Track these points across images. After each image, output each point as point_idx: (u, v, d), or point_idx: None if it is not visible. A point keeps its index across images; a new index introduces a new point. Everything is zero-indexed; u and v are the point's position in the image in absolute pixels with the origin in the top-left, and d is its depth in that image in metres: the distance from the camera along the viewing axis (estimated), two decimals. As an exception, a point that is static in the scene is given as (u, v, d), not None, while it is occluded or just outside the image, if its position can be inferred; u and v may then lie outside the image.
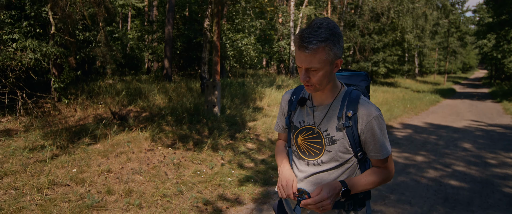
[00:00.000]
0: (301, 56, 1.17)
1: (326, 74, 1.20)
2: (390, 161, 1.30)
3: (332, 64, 1.20)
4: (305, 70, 1.20)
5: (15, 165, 3.75)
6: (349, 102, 1.27)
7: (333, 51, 1.17)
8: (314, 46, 1.14)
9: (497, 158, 5.44)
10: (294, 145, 1.40)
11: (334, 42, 1.17)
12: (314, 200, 1.17)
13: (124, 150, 4.45)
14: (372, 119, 1.23)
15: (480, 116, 10.91)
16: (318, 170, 1.32)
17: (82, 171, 3.67)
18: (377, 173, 1.28)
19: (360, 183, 1.25)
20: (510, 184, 4.16)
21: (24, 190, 3.18)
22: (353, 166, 1.32)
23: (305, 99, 1.35)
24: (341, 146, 1.27)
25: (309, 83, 1.22)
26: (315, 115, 1.32)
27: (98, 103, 7.23)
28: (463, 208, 3.40)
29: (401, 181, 4.19)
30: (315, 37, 1.13)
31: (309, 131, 1.32)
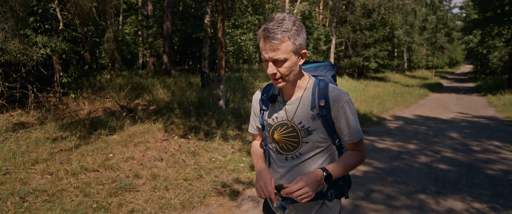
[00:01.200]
0: (268, 47, 1.18)
1: (292, 64, 1.21)
2: (362, 143, 1.34)
3: (297, 54, 1.21)
4: (272, 62, 1.21)
5: (43, 154, 4.02)
6: (319, 92, 1.28)
7: (297, 41, 1.19)
8: (280, 36, 1.15)
9: (481, 145, 5.97)
10: (271, 142, 1.40)
11: (298, 33, 1.19)
12: (291, 188, 1.16)
13: (141, 140, 4.75)
14: (343, 103, 1.26)
15: (466, 108, 11.54)
16: (297, 162, 1.33)
17: (108, 159, 3.97)
18: (353, 156, 1.31)
19: (340, 167, 1.27)
20: (492, 167, 4.66)
21: (59, 175, 3.47)
22: (332, 154, 1.34)
23: (275, 96, 1.36)
24: (317, 135, 1.29)
25: (276, 76, 1.22)
26: (287, 109, 1.33)
27: (104, 97, 7.45)
28: (452, 187, 3.86)
29: (396, 166, 4.64)
30: (280, 28, 1.16)
31: (284, 126, 1.33)
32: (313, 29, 20.98)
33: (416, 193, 3.65)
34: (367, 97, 12.54)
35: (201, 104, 7.19)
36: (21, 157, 3.83)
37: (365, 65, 23.14)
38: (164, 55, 12.44)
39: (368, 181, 4.00)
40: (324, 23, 25.65)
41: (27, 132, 5.08)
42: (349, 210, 3.21)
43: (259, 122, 1.43)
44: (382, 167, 4.57)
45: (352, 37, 21.61)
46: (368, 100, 11.60)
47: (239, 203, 3.33)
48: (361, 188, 3.76)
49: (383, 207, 3.29)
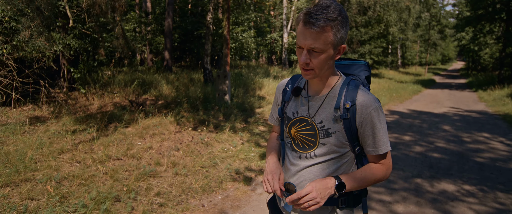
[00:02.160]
0: (306, 33, 1.07)
1: (328, 58, 1.11)
2: (388, 157, 1.22)
3: (335, 48, 1.11)
4: (306, 51, 1.10)
5: (67, 145, 4.30)
6: (347, 93, 1.17)
7: (340, 33, 1.09)
8: (322, 23, 1.05)
9: (471, 136, 6.39)
10: (287, 137, 1.32)
11: (343, 24, 1.09)
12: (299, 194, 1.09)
13: (156, 132, 5.05)
14: (371, 110, 1.15)
15: (458, 103, 12.02)
16: (310, 164, 1.23)
17: (129, 148, 4.27)
18: (374, 170, 1.20)
19: (357, 179, 1.16)
20: (480, 155, 5.06)
21: (87, 163, 3.76)
22: (349, 161, 1.23)
23: (300, 88, 1.27)
24: (336, 139, 1.18)
25: (308, 66, 1.12)
26: (310, 105, 1.23)
27: (112, 92, 7.70)
28: (444, 172, 4.24)
29: (394, 155, 5.01)
30: (325, 14, 1.05)
31: (303, 122, 1.24)
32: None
33: (413, 177, 4.03)
34: (363, 93, 12.94)
35: (206, 99, 7.48)
36: (47, 147, 4.10)
37: (361, 62, 23.54)
38: (166, 52, 12.66)
39: (369, 168, 4.36)
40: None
41: (44, 125, 5.33)
42: (367, 196, 3.57)
43: (278, 113, 1.35)
44: (380, 156, 4.94)
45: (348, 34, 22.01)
46: (365, 96, 12.00)
47: (253, 187, 3.67)
48: (362, 174, 4.12)
49: (384, 189, 3.65)
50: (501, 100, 12.23)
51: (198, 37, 14.93)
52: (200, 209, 3.12)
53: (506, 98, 12.44)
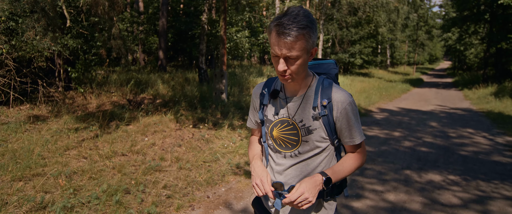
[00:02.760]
0: (281, 44, 1.12)
1: (303, 63, 1.18)
2: (363, 146, 1.33)
3: (309, 52, 1.18)
4: (283, 59, 1.16)
5: (72, 142, 4.42)
6: (322, 91, 1.26)
7: (311, 39, 1.15)
8: (295, 33, 1.10)
9: (456, 132, 6.74)
10: (269, 139, 1.37)
11: (313, 30, 1.15)
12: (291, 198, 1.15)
13: (157, 129, 5.20)
14: (346, 105, 1.24)
15: (444, 101, 12.49)
16: (295, 161, 1.30)
17: (133, 145, 4.42)
18: (353, 159, 1.30)
19: (340, 171, 1.26)
20: (465, 149, 5.39)
21: (94, 158, 3.91)
22: (330, 154, 1.32)
23: (277, 91, 1.33)
24: (317, 135, 1.27)
25: (286, 73, 1.18)
26: (289, 107, 1.29)
27: (109, 92, 7.79)
28: (431, 164, 4.54)
29: (384, 150, 5.30)
30: (296, 24, 1.10)
31: (284, 123, 1.30)
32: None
33: (402, 169, 4.31)
34: (354, 91, 13.29)
35: (203, 98, 7.65)
36: (53, 144, 4.22)
37: (351, 62, 24.06)
38: (160, 52, 12.74)
39: (361, 162, 4.62)
40: (312, 20, 26.34)
41: (45, 123, 5.42)
42: (347, 184, 3.81)
43: (258, 117, 1.40)
44: (372, 151, 5.22)
45: (338, 34, 22.41)
46: (356, 95, 12.34)
47: (254, 180, 3.87)
48: (356, 167, 4.38)
49: (375, 180, 3.91)
50: (485, 98, 12.76)
51: (191, 37, 15.04)
52: (206, 200, 3.31)
53: (490, 96, 12.98)
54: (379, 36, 26.88)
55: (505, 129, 7.03)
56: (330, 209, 1.34)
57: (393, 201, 3.35)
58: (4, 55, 5.67)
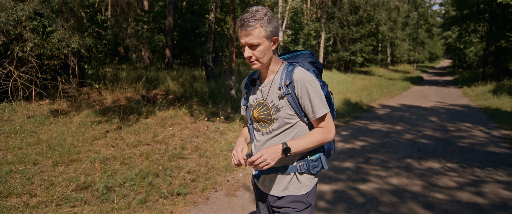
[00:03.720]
0: (243, 33, 1.36)
1: (265, 49, 1.38)
2: (328, 121, 1.45)
3: (269, 39, 1.38)
4: (248, 47, 1.38)
5: (97, 133, 4.77)
6: (286, 74, 1.45)
7: (268, 28, 1.36)
8: (252, 23, 1.34)
9: (455, 126, 7.09)
10: (253, 121, 1.57)
11: (269, 21, 1.36)
12: (252, 158, 1.34)
13: (174, 122, 5.55)
14: (305, 82, 1.40)
15: (444, 98, 12.83)
16: (270, 137, 1.48)
17: (155, 135, 4.77)
18: (316, 132, 1.44)
19: (300, 143, 1.40)
20: (462, 141, 5.75)
21: (122, 147, 4.26)
22: (301, 131, 1.47)
23: (255, 79, 1.56)
24: (284, 112, 1.44)
25: (252, 58, 1.39)
26: (262, 91, 1.50)
27: (123, 88, 8.13)
28: (431, 154, 4.89)
29: (387, 141, 5.65)
30: (253, 17, 1.34)
31: (260, 105, 1.51)
32: (304, 25, 21.92)
33: (404, 158, 4.66)
34: (356, 89, 13.64)
35: (212, 94, 8.00)
36: (82, 135, 4.57)
37: (352, 60, 24.38)
38: (167, 50, 13.07)
39: (366, 152, 4.98)
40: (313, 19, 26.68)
41: (67, 117, 5.77)
42: (353, 170, 4.17)
43: (243, 103, 1.62)
44: (375, 142, 5.57)
45: (340, 33, 22.73)
46: (358, 92, 12.69)
47: (268, 167, 4.23)
48: (361, 156, 4.74)
49: (379, 167, 4.27)
50: (484, 95, 13.11)
51: (196, 35, 15.37)
52: (226, 184, 3.66)
53: (488, 93, 13.33)
54: (380, 35, 27.16)
55: (501, 123, 7.38)
56: (307, 184, 1.49)
57: (396, 184, 3.70)
58: (27, 53, 6.01)
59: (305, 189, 1.48)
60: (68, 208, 2.80)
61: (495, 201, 3.26)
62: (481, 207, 3.13)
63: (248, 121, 1.62)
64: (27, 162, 3.64)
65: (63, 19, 4.50)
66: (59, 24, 4.54)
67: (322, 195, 3.37)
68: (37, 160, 3.71)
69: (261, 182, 1.55)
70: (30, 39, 4.85)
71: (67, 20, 4.49)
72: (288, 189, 1.48)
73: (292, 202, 1.47)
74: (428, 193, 3.45)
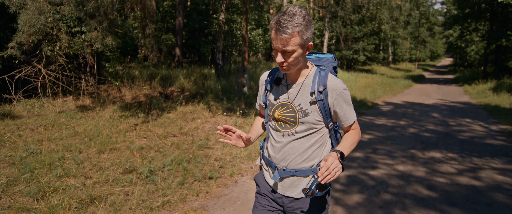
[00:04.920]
0: (278, 39, 1.30)
1: (299, 55, 1.35)
2: (356, 123, 1.52)
3: (304, 47, 1.35)
4: (281, 52, 1.34)
5: (128, 126, 5.21)
6: (319, 80, 1.43)
7: (305, 35, 1.32)
8: (290, 31, 1.27)
9: (456, 121, 7.51)
10: (271, 120, 1.53)
11: (307, 28, 1.31)
12: (327, 166, 1.26)
13: (194, 117, 5.99)
14: (340, 91, 1.41)
15: (445, 96, 13.24)
16: (292, 139, 1.47)
17: (181, 128, 5.20)
18: (352, 135, 1.48)
19: (346, 146, 1.43)
20: (462, 134, 6.17)
21: (153, 138, 4.69)
22: (324, 135, 1.49)
23: (280, 79, 1.51)
24: (312, 117, 1.43)
25: (284, 64, 1.36)
26: (289, 92, 1.46)
27: (140, 85, 8.56)
28: (433, 146, 5.32)
29: (392, 135, 6.07)
30: (291, 23, 1.27)
31: (285, 106, 1.47)
32: (307, 24, 22.30)
33: (408, 149, 5.09)
34: (360, 86, 14.05)
35: (225, 91, 8.42)
36: (115, 127, 5.01)
37: (354, 58, 24.78)
38: (177, 49, 13.49)
39: (373, 144, 5.41)
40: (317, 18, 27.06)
41: (94, 112, 6.21)
42: (363, 159, 4.59)
43: (262, 100, 1.57)
44: (381, 135, 5.99)
45: (343, 32, 23.11)
46: (361, 89, 13.10)
47: (285, 156, 4.66)
48: (369, 148, 5.16)
49: (386, 156, 4.70)
50: (484, 93, 13.50)
51: (203, 35, 15.77)
52: (250, 170, 4.09)
53: (488, 91, 13.72)
54: (382, 34, 27.54)
55: (500, 119, 7.80)
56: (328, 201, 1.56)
57: (402, 170, 4.13)
58: (56, 52, 6.44)
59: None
60: (119, 188, 3.23)
61: (491, 184, 3.69)
62: (478, 189, 3.56)
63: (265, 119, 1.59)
64: (74, 150, 4.08)
65: (97, 22, 4.92)
66: (93, 26, 4.96)
67: (338, 179, 3.80)
68: (81, 148, 4.15)
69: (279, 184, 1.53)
70: (64, 39, 5.26)
71: (101, 23, 4.91)
72: None
73: (311, 203, 1.50)
74: (431, 178, 3.87)
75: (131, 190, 3.19)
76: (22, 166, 3.52)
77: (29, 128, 5.09)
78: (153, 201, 3.07)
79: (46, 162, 3.61)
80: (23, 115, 5.91)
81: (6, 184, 3.12)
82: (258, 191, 1.62)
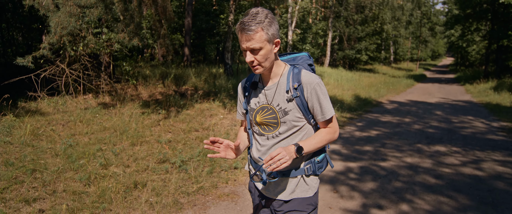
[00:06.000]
0: (244, 38, 1.31)
1: (267, 52, 1.34)
2: (334, 121, 1.46)
3: (271, 43, 1.34)
4: (249, 51, 1.34)
5: (152, 121, 5.56)
6: (293, 76, 1.42)
7: (270, 31, 1.32)
8: (253, 27, 1.29)
9: (458, 118, 7.86)
10: (254, 125, 1.52)
11: (270, 24, 1.32)
12: (271, 154, 1.28)
13: (212, 113, 6.34)
14: (315, 85, 1.39)
15: (447, 94, 13.57)
16: (277, 141, 1.45)
17: (201, 123, 5.55)
18: (323, 132, 1.45)
19: (311, 142, 1.40)
20: (465, 130, 6.51)
21: (177, 133, 5.04)
22: (307, 133, 1.47)
23: (256, 82, 1.51)
24: (292, 115, 1.42)
25: (254, 63, 1.35)
26: (266, 94, 1.46)
27: (154, 84, 8.91)
28: (438, 140, 5.66)
29: (398, 130, 6.42)
30: (254, 20, 1.29)
31: (265, 109, 1.46)
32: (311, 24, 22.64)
33: (414, 143, 5.43)
34: (363, 85, 14.39)
35: (236, 89, 8.77)
36: (141, 123, 5.36)
37: (357, 58, 25.11)
38: (185, 48, 13.83)
39: (381, 139, 5.75)
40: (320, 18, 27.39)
41: (115, 109, 6.56)
42: (373, 152, 4.94)
43: (243, 107, 1.56)
44: (388, 131, 6.34)
45: (347, 32, 23.45)
46: (365, 88, 13.44)
47: (301, 149, 5.01)
48: (377, 142, 5.51)
49: (394, 150, 5.04)
50: (485, 92, 13.83)
51: (209, 35, 16.13)
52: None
53: (489, 90, 14.04)
54: (384, 33, 27.86)
55: (500, 116, 8.13)
56: (313, 186, 1.49)
57: (410, 162, 4.48)
58: (79, 52, 6.80)
59: (312, 190, 1.49)
60: (157, 175, 3.59)
61: (492, 174, 4.03)
62: (480, 178, 3.91)
63: (247, 125, 1.59)
64: (107, 143, 4.43)
65: (124, 24, 5.27)
66: (120, 29, 5.31)
67: (351, 170, 4.15)
68: (114, 141, 4.50)
69: (265, 187, 1.53)
70: (91, 40, 5.62)
71: (128, 25, 5.26)
72: (295, 192, 1.48)
73: (300, 204, 1.48)
74: (437, 168, 4.22)
75: (167, 178, 3.54)
76: (66, 157, 3.88)
77: (59, 123, 5.44)
78: (188, 187, 3.42)
79: (87, 153, 3.96)
80: (49, 112, 6.27)
81: (58, 171, 3.48)
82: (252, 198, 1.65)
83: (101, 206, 2.87)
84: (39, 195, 3.03)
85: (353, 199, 3.30)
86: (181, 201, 3.14)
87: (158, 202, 3.03)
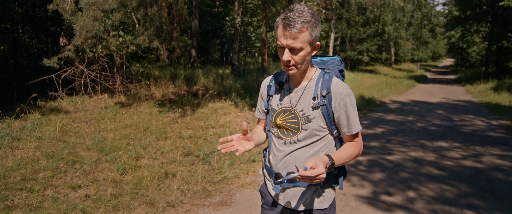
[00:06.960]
0: (287, 34, 1.23)
1: (306, 54, 1.28)
2: (360, 136, 1.40)
3: (312, 45, 1.29)
4: (288, 49, 1.26)
5: (170, 119, 5.89)
6: (323, 83, 1.35)
7: (314, 33, 1.26)
8: (299, 25, 1.21)
9: (459, 117, 8.19)
10: (274, 127, 1.46)
11: (316, 25, 1.26)
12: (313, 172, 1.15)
13: (225, 112, 6.67)
14: (344, 96, 1.32)
15: (448, 95, 13.90)
16: (294, 148, 1.39)
17: (217, 121, 5.89)
18: (351, 147, 1.37)
19: (341, 157, 1.31)
20: (466, 128, 6.84)
21: (197, 129, 5.38)
22: (328, 143, 1.40)
23: (282, 83, 1.44)
24: (316, 124, 1.35)
25: (290, 63, 1.28)
26: (291, 97, 1.39)
27: (166, 84, 9.25)
28: (440, 137, 5.99)
29: (402, 128, 6.75)
30: (301, 18, 1.22)
31: (287, 112, 1.39)
32: (313, 26, 23.00)
33: (418, 139, 5.77)
34: (366, 86, 14.73)
35: (245, 89, 9.11)
36: (160, 120, 5.70)
37: (359, 59, 25.46)
38: (193, 50, 14.18)
39: (386, 136, 6.09)
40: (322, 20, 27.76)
41: (132, 108, 6.90)
42: (379, 147, 5.27)
43: (264, 106, 1.50)
44: (392, 129, 6.67)
45: (349, 33, 23.82)
46: (368, 89, 13.78)
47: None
48: (383, 139, 5.84)
49: (399, 145, 5.37)
50: (485, 92, 14.16)
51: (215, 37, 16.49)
52: (284, 155, 4.77)
53: (489, 90, 14.37)
54: (386, 35, 28.23)
55: (500, 115, 8.46)
56: (328, 197, 1.44)
57: (414, 156, 4.81)
58: (98, 53, 7.14)
59: (327, 202, 1.44)
60: (184, 167, 3.92)
61: (491, 166, 4.37)
62: (480, 169, 4.24)
63: (267, 126, 1.54)
64: (133, 138, 4.77)
65: (144, 27, 5.62)
66: (140, 32, 5.66)
67: (360, 162, 4.48)
68: (140, 137, 4.84)
69: (281, 196, 1.47)
70: (113, 43, 5.97)
71: (148, 29, 5.61)
72: (310, 203, 1.43)
73: None
74: (440, 161, 4.55)
75: (193, 169, 3.88)
76: (99, 150, 4.21)
77: (82, 121, 5.78)
78: (213, 177, 3.75)
79: (117, 147, 4.30)
80: (70, 110, 6.61)
81: (95, 162, 3.82)
82: (263, 202, 1.57)
83: (140, 192, 3.20)
84: (82, 182, 3.37)
85: (364, 187, 3.63)
86: (208, 189, 3.47)
87: (188, 190, 3.37)
